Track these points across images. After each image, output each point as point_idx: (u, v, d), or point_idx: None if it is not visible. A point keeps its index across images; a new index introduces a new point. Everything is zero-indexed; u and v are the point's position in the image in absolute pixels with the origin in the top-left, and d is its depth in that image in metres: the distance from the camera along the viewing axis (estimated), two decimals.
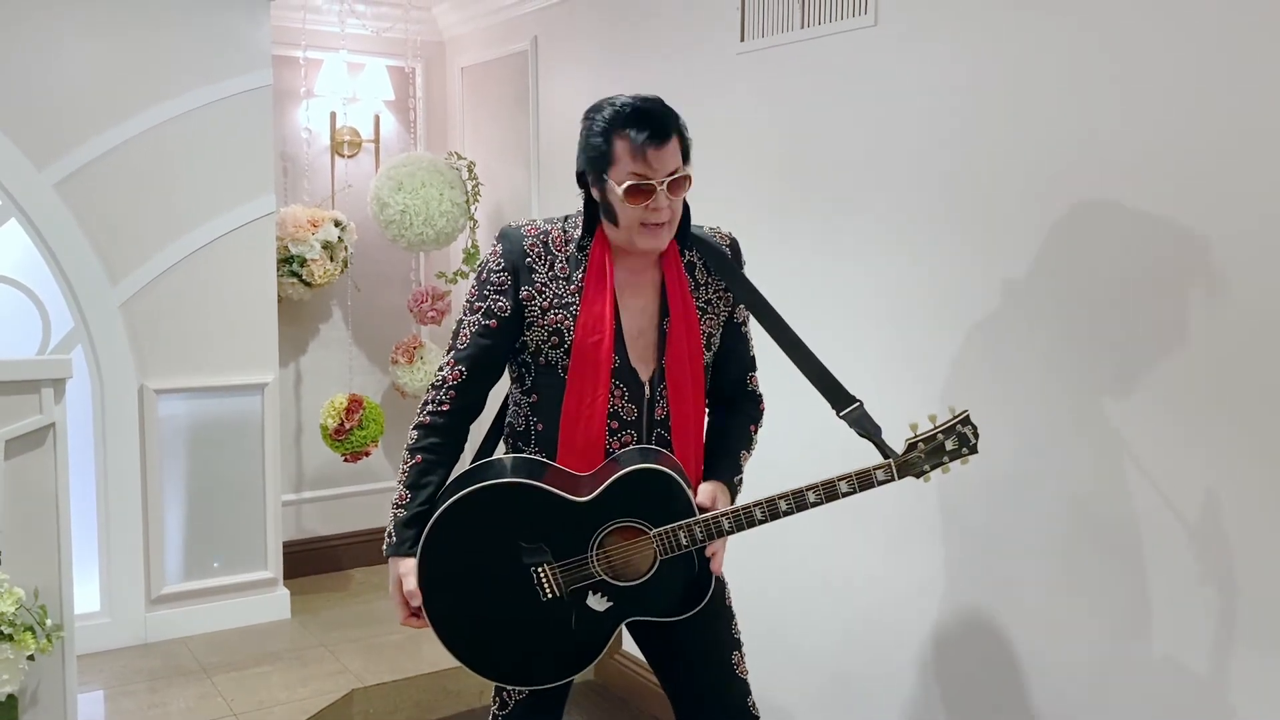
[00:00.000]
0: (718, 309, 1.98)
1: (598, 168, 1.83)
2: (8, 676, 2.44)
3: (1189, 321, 1.99)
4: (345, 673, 3.58)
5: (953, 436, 1.83)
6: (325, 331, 4.60)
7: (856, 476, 1.81)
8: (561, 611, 1.84)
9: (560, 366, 1.89)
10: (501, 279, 1.89)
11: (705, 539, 1.83)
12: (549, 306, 1.88)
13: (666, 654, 2.01)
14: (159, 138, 3.73)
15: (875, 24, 2.59)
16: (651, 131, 1.77)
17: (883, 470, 1.82)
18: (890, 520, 2.62)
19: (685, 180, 1.84)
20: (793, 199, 2.88)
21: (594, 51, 3.71)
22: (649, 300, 1.93)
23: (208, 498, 3.92)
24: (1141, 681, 2.10)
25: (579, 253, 1.90)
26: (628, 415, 1.90)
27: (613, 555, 1.83)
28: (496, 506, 1.84)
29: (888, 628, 2.65)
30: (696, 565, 1.88)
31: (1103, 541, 2.16)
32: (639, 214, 1.81)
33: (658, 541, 1.82)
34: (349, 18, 4.35)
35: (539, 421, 1.94)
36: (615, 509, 1.82)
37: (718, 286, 1.97)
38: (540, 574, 1.83)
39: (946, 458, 1.83)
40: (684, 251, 1.95)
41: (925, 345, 2.52)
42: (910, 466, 1.83)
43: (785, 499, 1.82)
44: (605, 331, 1.86)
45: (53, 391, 2.67)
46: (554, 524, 1.83)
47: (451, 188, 4.16)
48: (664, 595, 1.87)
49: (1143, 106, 2.04)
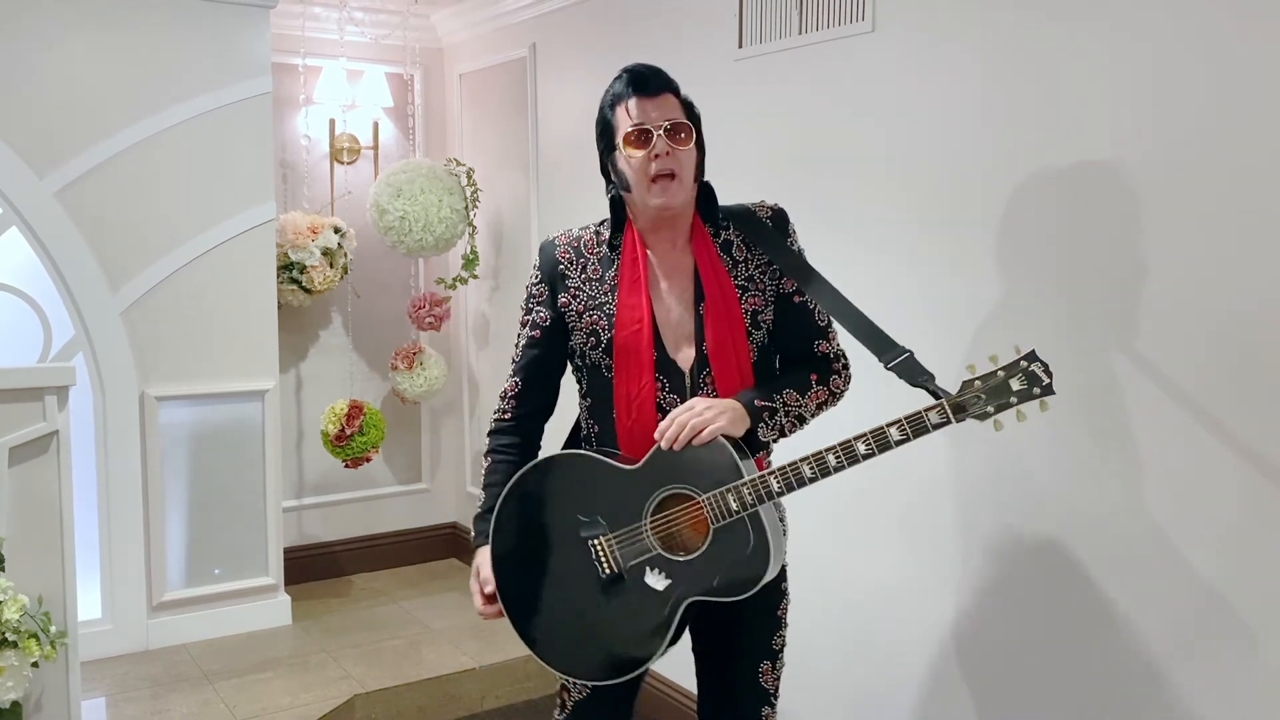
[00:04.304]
0: (761, 284, 1.92)
1: (607, 140, 1.89)
2: (12, 683, 2.44)
3: (1187, 321, 2.00)
4: (347, 678, 3.59)
5: (1018, 375, 1.68)
6: (325, 338, 4.61)
7: (908, 421, 1.70)
8: (622, 592, 1.84)
9: (604, 366, 1.92)
10: (540, 290, 1.96)
11: (755, 502, 1.76)
12: (584, 309, 1.92)
13: (708, 646, 2.03)
14: (159, 145, 3.75)
15: (873, 30, 2.61)
16: (642, 83, 1.85)
17: (936, 411, 1.69)
18: (900, 527, 2.63)
19: (686, 128, 1.86)
20: (791, 203, 2.88)
21: (592, 58, 3.72)
22: (683, 287, 1.92)
23: (209, 504, 3.93)
24: (1144, 679, 2.11)
25: (610, 252, 1.93)
26: (671, 406, 1.87)
27: (666, 523, 1.82)
28: (549, 482, 1.91)
29: (899, 636, 2.66)
30: (752, 541, 1.79)
31: (1113, 546, 2.17)
32: (645, 166, 1.83)
33: (708, 507, 1.78)
34: (348, 25, 4.36)
35: (594, 423, 1.97)
36: (665, 475, 1.82)
37: (759, 261, 1.93)
38: (597, 547, 1.85)
39: (1014, 398, 1.68)
40: (718, 232, 1.94)
41: (922, 346, 2.52)
42: (967, 406, 1.69)
43: (833, 452, 1.73)
44: (644, 321, 1.87)
45: (56, 399, 2.67)
46: (606, 494, 1.86)
47: (450, 194, 4.18)
48: (720, 571, 1.80)
49: (1139, 108, 2.06)
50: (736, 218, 1.95)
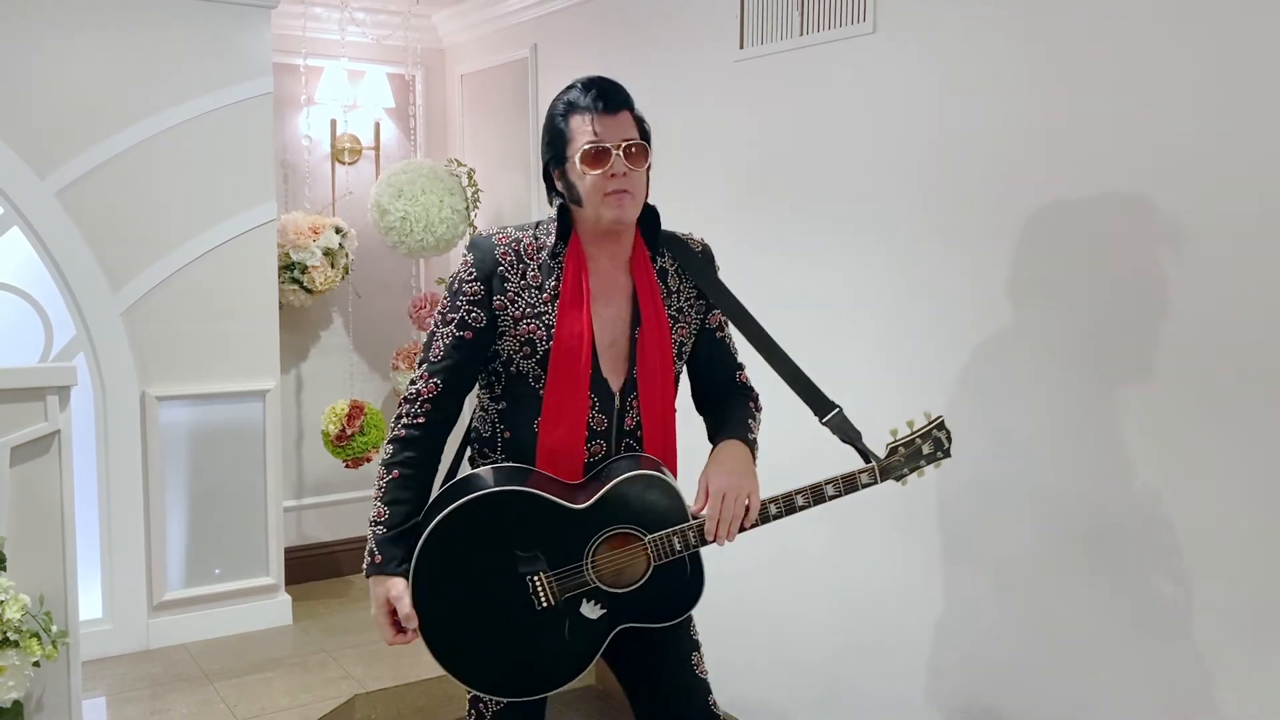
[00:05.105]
0: (689, 317, 1.96)
1: (558, 149, 1.85)
2: (14, 683, 2.44)
3: (1181, 322, 2.01)
4: (347, 678, 3.59)
5: (929, 441, 1.92)
6: (326, 338, 4.61)
7: (842, 480, 1.87)
8: (555, 620, 1.82)
9: (532, 376, 1.87)
10: (474, 289, 1.86)
11: (699, 544, 1.83)
12: (521, 316, 1.86)
13: (628, 654, 1.99)
14: (160, 145, 3.75)
15: (873, 31, 2.61)
16: (601, 98, 1.82)
17: (867, 474, 1.88)
18: (887, 524, 2.63)
19: (642, 150, 1.83)
20: (791, 205, 2.89)
21: (593, 59, 3.72)
22: (620, 308, 1.91)
23: (209, 504, 3.93)
24: (1142, 683, 2.12)
25: (552, 260, 1.88)
26: (598, 425, 1.89)
27: (607, 563, 1.83)
28: (490, 516, 1.82)
29: (897, 636, 2.66)
30: (689, 569, 1.88)
31: (1099, 542, 2.17)
32: (600, 182, 1.80)
33: (652, 547, 1.82)
34: (349, 25, 4.37)
35: (506, 429, 1.92)
36: (611, 516, 1.82)
37: (690, 294, 1.96)
38: (535, 582, 1.81)
39: (923, 462, 1.92)
40: (655, 257, 1.94)
41: (922, 348, 2.53)
42: (891, 470, 1.90)
43: (775, 503, 1.86)
44: (584, 338, 1.85)
45: (57, 399, 2.67)
46: (548, 532, 1.81)
47: (451, 194, 4.18)
48: (656, 601, 1.87)
49: (1138, 111, 2.06)
50: (674, 243, 1.97)
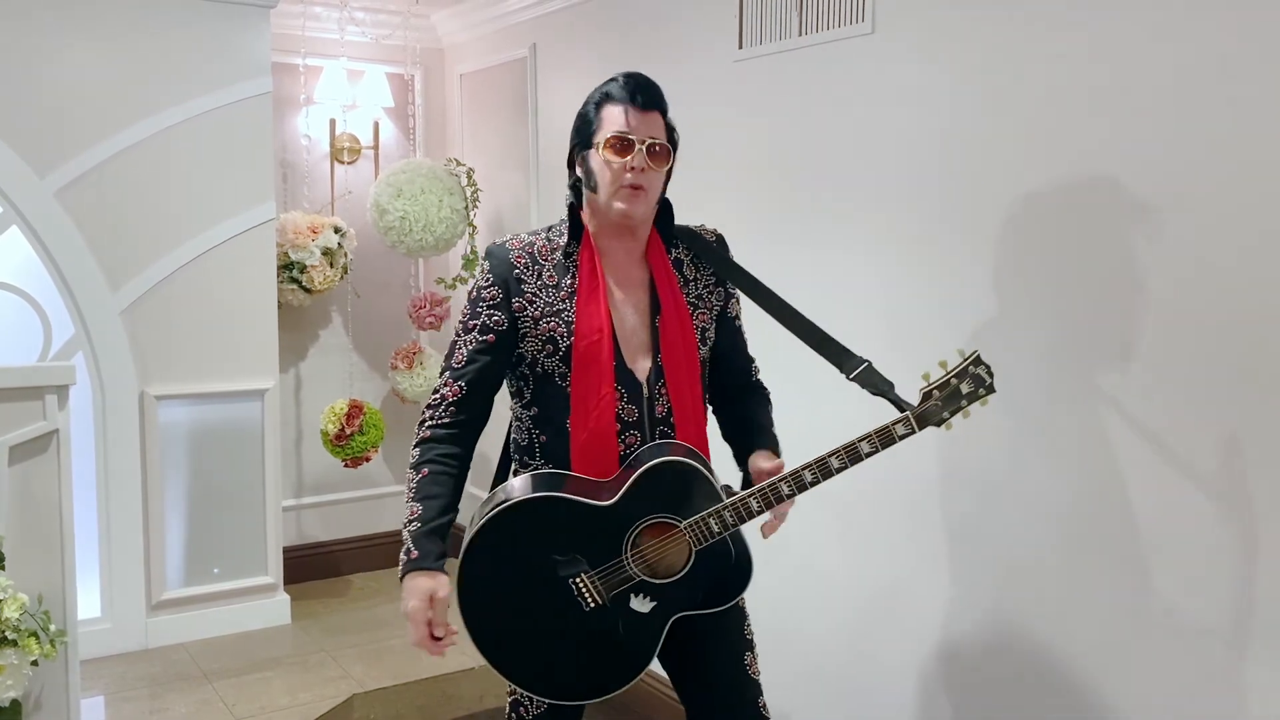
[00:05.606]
0: (709, 303, 1.99)
1: (585, 135, 1.89)
2: (12, 682, 2.44)
3: (1186, 323, 2.01)
4: (346, 678, 3.59)
5: (967, 379, 1.83)
6: (325, 337, 4.62)
7: (877, 435, 1.79)
8: (607, 619, 1.83)
9: (558, 375, 1.89)
10: (493, 294, 1.89)
11: (736, 523, 1.82)
12: (541, 315, 1.88)
13: (682, 654, 2.01)
14: (159, 145, 3.75)
15: (873, 31, 2.61)
16: (638, 92, 1.86)
17: (902, 424, 1.80)
18: (901, 526, 2.63)
19: (666, 152, 1.87)
20: (790, 205, 2.89)
21: (593, 58, 3.73)
22: (639, 298, 1.93)
23: (208, 503, 3.93)
24: (1145, 678, 2.12)
25: (565, 259, 1.91)
26: (629, 416, 1.89)
27: (648, 553, 1.83)
28: (523, 526, 1.83)
29: (899, 636, 2.66)
30: (733, 552, 1.87)
31: (1104, 537, 2.17)
32: (618, 172, 1.84)
33: (690, 533, 1.81)
34: (349, 25, 4.37)
35: (541, 434, 1.93)
36: (642, 507, 1.82)
37: (707, 280, 1.99)
38: (579, 584, 1.82)
39: (964, 401, 1.83)
40: (670, 249, 1.98)
41: (923, 347, 2.53)
42: (929, 416, 1.81)
43: (810, 469, 1.80)
44: (604, 331, 1.87)
45: (56, 398, 2.67)
46: (584, 533, 1.82)
47: (450, 194, 4.18)
48: (706, 586, 1.86)
49: (1137, 111, 2.06)
50: (687, 235, 2.00)
